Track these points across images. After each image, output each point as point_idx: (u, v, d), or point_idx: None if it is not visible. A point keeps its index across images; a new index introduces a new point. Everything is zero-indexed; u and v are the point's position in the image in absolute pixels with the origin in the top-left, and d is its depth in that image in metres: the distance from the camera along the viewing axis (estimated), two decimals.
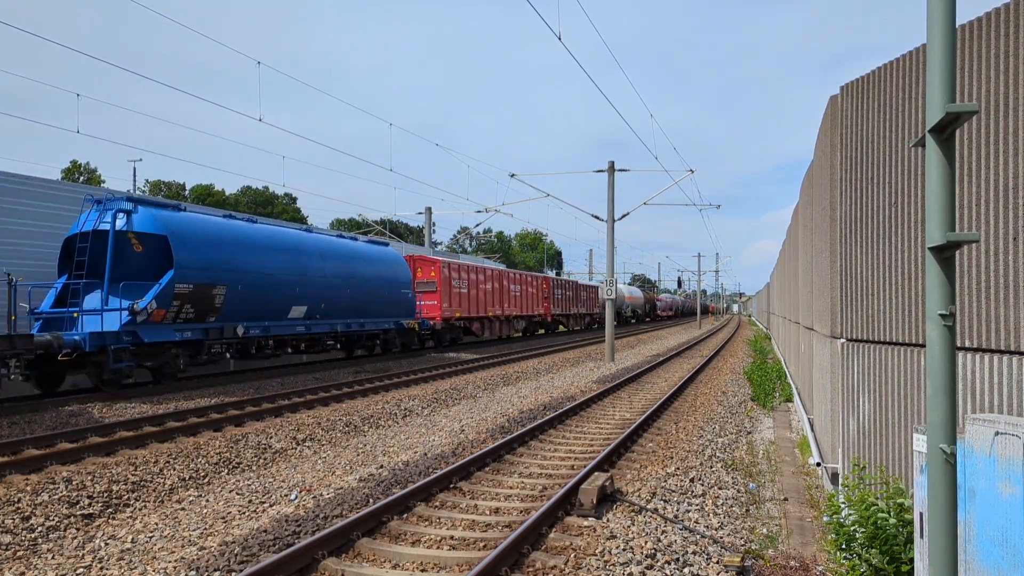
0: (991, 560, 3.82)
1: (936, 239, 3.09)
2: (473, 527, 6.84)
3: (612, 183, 26.68)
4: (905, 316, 5.89)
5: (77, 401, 13.93)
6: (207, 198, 68.87)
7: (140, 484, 8.58)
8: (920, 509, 4.09)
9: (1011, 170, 4.83)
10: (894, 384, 6.02)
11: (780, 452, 11.18)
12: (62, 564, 6.12)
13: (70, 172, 65.02)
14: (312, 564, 5.82)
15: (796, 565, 5.94)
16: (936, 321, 3.12)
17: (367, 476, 8.88)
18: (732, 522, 7.36)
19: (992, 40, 4.96)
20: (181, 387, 16.33)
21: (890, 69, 6.09)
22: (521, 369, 22.40)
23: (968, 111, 2.95)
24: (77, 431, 10.71)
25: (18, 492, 7.87)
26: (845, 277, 6.63)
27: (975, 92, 5.07)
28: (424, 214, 40.50)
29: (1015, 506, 3.73)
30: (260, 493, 8.33)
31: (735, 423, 13.33)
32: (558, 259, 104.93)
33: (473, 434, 11.65)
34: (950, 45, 3.02)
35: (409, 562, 5.97)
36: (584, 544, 6.24)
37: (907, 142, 5.89)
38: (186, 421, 12.11)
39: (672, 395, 15.78)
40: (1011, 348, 4.80)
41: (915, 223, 5.79)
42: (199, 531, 6.96)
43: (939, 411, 3.13)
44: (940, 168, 3.09)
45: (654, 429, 12.19)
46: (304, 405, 14.17)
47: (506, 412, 13.91)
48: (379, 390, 16.87)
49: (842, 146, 6.67)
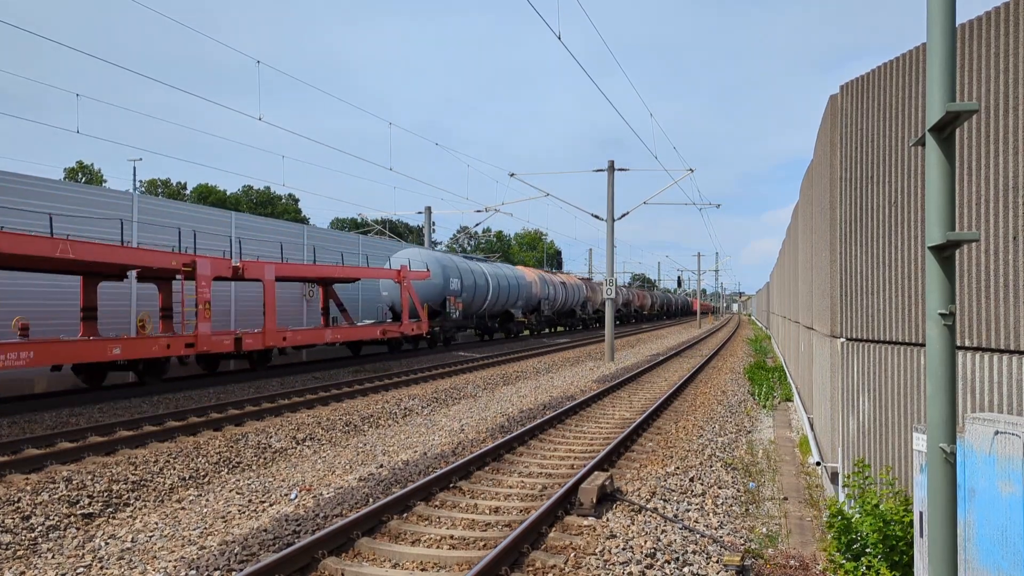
0: (991, 559, 3.82)
1: (936, 238, 3.09)
2: (473, 526, 6.84)
3: (612, 182, 26.67)
4: (905, 315, 5.89)
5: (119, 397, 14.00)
6: (209, 196, 68.82)
7: (140, 483, 8.57)
8: (920, 508, 4.09)
9: (1011, 169, 4.83)
10: (894, 383, 6.02)
11: (780, 451, 11.17)
12: (62, 563, 6.12)
13: (73, 172, 65.06)
14: (312, 563, 5.82)
15: (796, 564, 5.94)
16: (936, 320, 3.12)
17: (367, 475, 8.88)
18: (732, 521, 7.36)
19: (992, 39, 4.96)
20: (181, 387, 16.33)
21: (890, 68, 6.09)
22: (521, 368, 22.39)
23: (968, 110, 2.95)
24: (77, 430, 10.71)
25: (18, 491, 7.87)
26: (845, 276, 6.63)
27: (975, 91, 5.06)
28: (424, 213, 40.48)
29: (1015, 505, 3.73)
30: (260, 492, 8.33)
31: (735, 422, 13.32)
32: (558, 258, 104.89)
33: (473, 433, 11.65)
34: (950, 44, 3.02)
35: (409, 561, 5.97)
36: (584, 543, 6.24)
37: (907, 141, 5.89)
38: (186, 420, 12.10)
39: (672, 394, 15.78)
40: (1011, 347, 4.80)
41: (915, 222, 5.79)
42: (199, 530, 6.95)
43: (939, 410, 3.13)
44: (940, 167, 3.09)
45: (654, 428, 12.18)
46: (304, 405, 14.17)
47: (506, 411, 13.91)
48: (379, 389, 16.87)
49: (842, 145, 6.67)
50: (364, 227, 55.87)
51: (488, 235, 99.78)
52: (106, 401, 14.15)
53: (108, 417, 12.50)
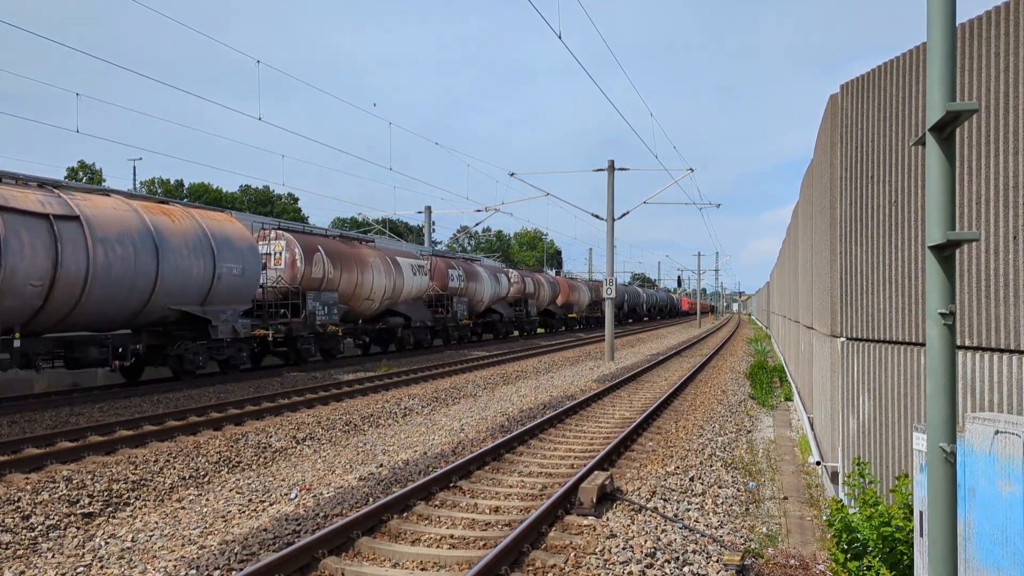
0: (991, 559, 3.82)
1: (936, 238, 3.09)
2: (473, 526, 6.84)
3: (612, 182, 26.68)
4: (905, 315, 5.89)
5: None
6: (204, 195, 68.75)
7: (140, 483, 8.58)
8: (920, 508, 4.09)
9: (1011, 169, 4.83)
10: (894, 383, 6.02)
11: (780, 451, 11.18)
12: (62, 563, 6.12)
13: (74, 172, 65.09)
14: (312, 563, 5.81)
15: (796, 564, 5.95)
16: (936, 320, 3.12)
17: (367, 475, 8.88)
18: (732, 521, 7.36)
19: (992, 39, 4.96)
20: (180, 386, 16.33)
21: (890, 68, 6.08)
22: (521, 368, 22.39)
23: (968, 110, 2.95)
24: (77, 430, 10.71)
25: (18, 491, 7.87)
26: (845, 276, 6.63)
27: (975, 91, 5.06)
28: (424, 213, 40.50)
29: (1015, 505, 3.73)
30: (260, 492, 8.33)
31: (735, 422, 13.33)
32: (558, 258, 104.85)
33: (473, 433, 11.65)
34: (950, 44, 3.02)
35: (409, 561, 5.97)
36: (584, 543, 6.24)
37: (907, 141, 5.88)
38: (186, 420, 12.10)
39: (672, 394, 15.78)
40: (1011, 347, 4.79)
41: (915, 222, 5.79)
42: (199, 530, 6.95)
43: (939, 410, 3.13)
44: (940, 167, 3.09)
45: (654, 428, 12.19)
46: (304, 404, 14.17)
47: (506, 411, 13.91)
48: (379, 389, 16.87)
49: (842, 145, 6.67)
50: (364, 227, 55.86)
51: (488, 235, 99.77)
52: (106, 401, 14.15)
53: (108, 417, 12.50)
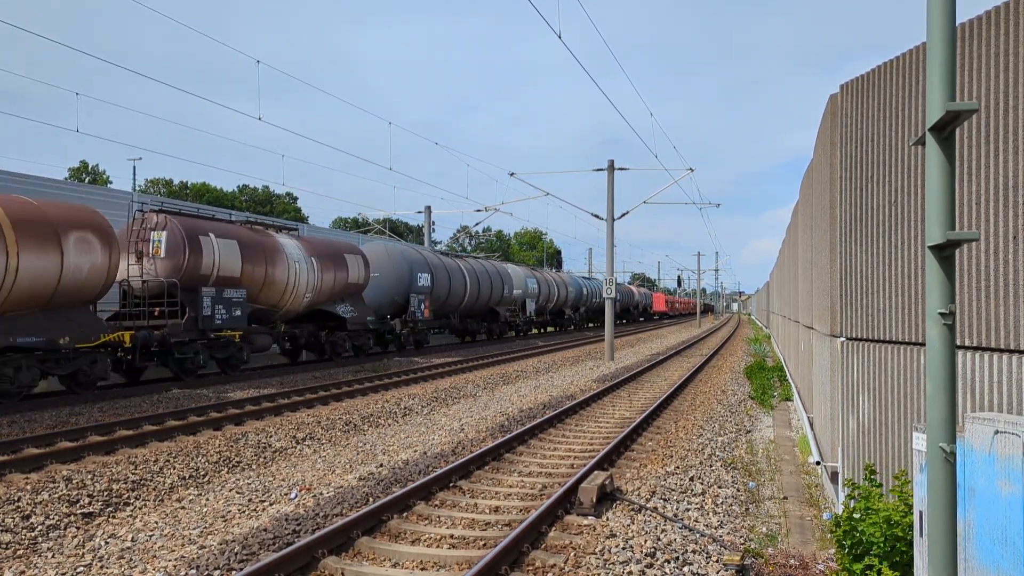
0: (991, 559, 3.82)
1: (936, 238, 3.09)
2: (473, 526, 6.84)
3: (612, 182, 26.68)
4: (905, 315, 5.89)
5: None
6: (204, 195, 68.72)
7: (140, 483, 8.57)
8: (920, 508, 4.09)
9: (1011, 168, 4.83)
10: (894, 383, 6.02)
11: (780, 451, 11.18)
12: (62, 563, 6.12)
13: (77, 172, 65.07)
14: (312, 563, 5.81)
15: (796, 563, 5.95)
16: (936, 320, 3.12)
17: (367, 475, 8.88)
18: (732, 521, 7.36)
19: (992, 38, 4.96)
20: (180, 386, 16.33)
21: (890, 68, 6.08)
22: (521, 368, 22.39)
23: (968, 109, 2.95)
24: (77, 430, 10.71)
25: (18, 491, 7.87)
26: (845, 276, 6.63)
27: (975, 90, 5.06)
28: (424, 213, 40.47)
29: (1015, 505, 3.73)
30: (260, 492, 8.33)
31: (735, 422, 13.33)
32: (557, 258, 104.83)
33: (473, 433, 11.65)
34: (950, 44, 3.02)
35: (409, 561, 5.97)
36: (584, 543, 6.24)
37: (907, 140, 5.88)
38: (186, 420, 12.10)
39: (672, 394, 15.78)
40: (1011, 347, 4.80)
41: (915, 221, 5.79)
42: (199, 530, 6.95)
43: (939, 410, 3.13)
44: (940, 167, 3.09)
45: (654, 428, 12.19)
46: (304, 404, 14.17)
47: (506, 411, 13.91)
48: (379, 389, 16.87)
49: (842, 144, 6.67)
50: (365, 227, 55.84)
51: (488, 234, 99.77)
52: (106, 400, 14.15)
53: (108, 417, 12.50)
